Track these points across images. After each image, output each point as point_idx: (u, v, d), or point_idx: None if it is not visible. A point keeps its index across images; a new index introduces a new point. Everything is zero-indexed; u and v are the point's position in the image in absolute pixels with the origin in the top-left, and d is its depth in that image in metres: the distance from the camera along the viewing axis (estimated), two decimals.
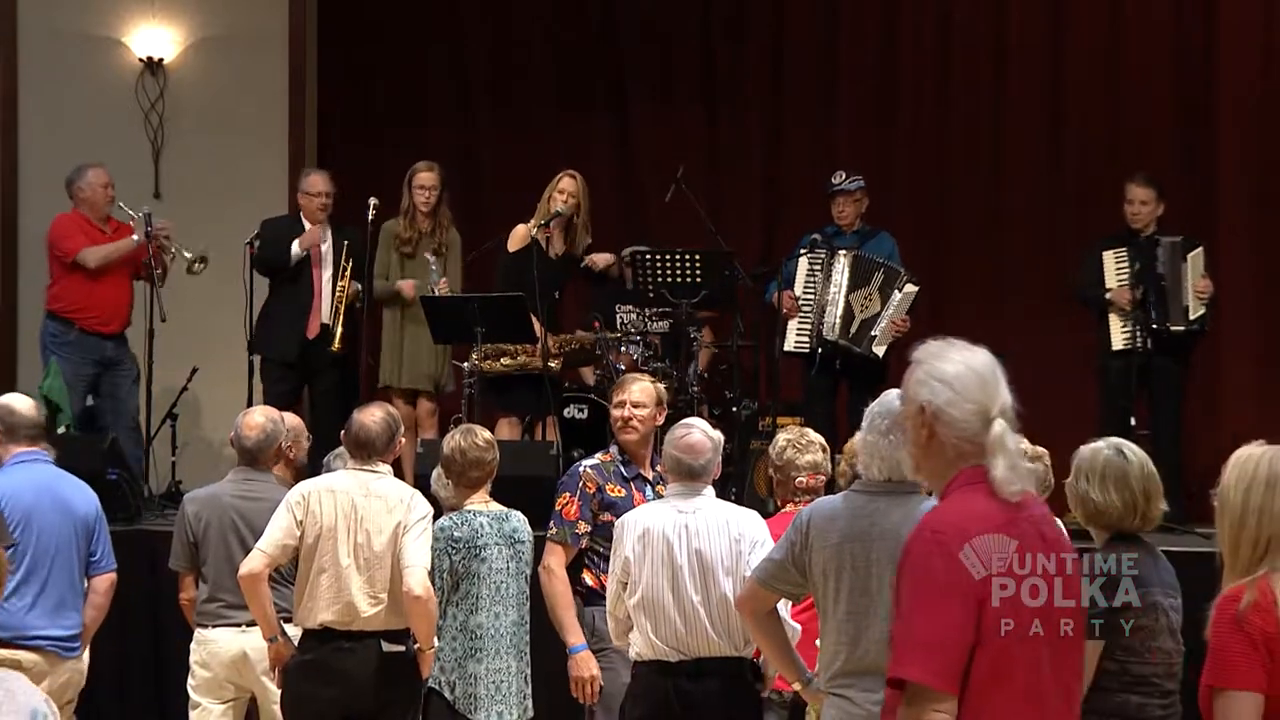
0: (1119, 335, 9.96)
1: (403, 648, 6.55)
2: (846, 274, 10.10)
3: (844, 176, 10.34)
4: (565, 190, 10.07)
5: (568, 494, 6.86)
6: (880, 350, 10.11)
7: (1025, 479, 3.64)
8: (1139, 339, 9.84)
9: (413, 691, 6.68)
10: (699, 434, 6.16)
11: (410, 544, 6.48)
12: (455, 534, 6.67)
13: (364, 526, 6.50)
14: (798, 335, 10.16)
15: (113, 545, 7.31)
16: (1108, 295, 10.01)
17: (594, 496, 6.81)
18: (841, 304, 10.08)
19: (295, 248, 10.27)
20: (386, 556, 6.49)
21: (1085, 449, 5.15)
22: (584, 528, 6.79)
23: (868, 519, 4.98)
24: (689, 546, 5.99)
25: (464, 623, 6.67)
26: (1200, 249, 10.00)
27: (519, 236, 10.00)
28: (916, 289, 10.18)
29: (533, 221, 10.00)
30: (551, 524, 6.84)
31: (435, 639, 6.61)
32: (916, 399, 3.70)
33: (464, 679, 6.65)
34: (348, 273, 10.27)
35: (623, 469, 6.86)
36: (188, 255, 10.25)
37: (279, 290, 10.46)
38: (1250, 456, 3.99)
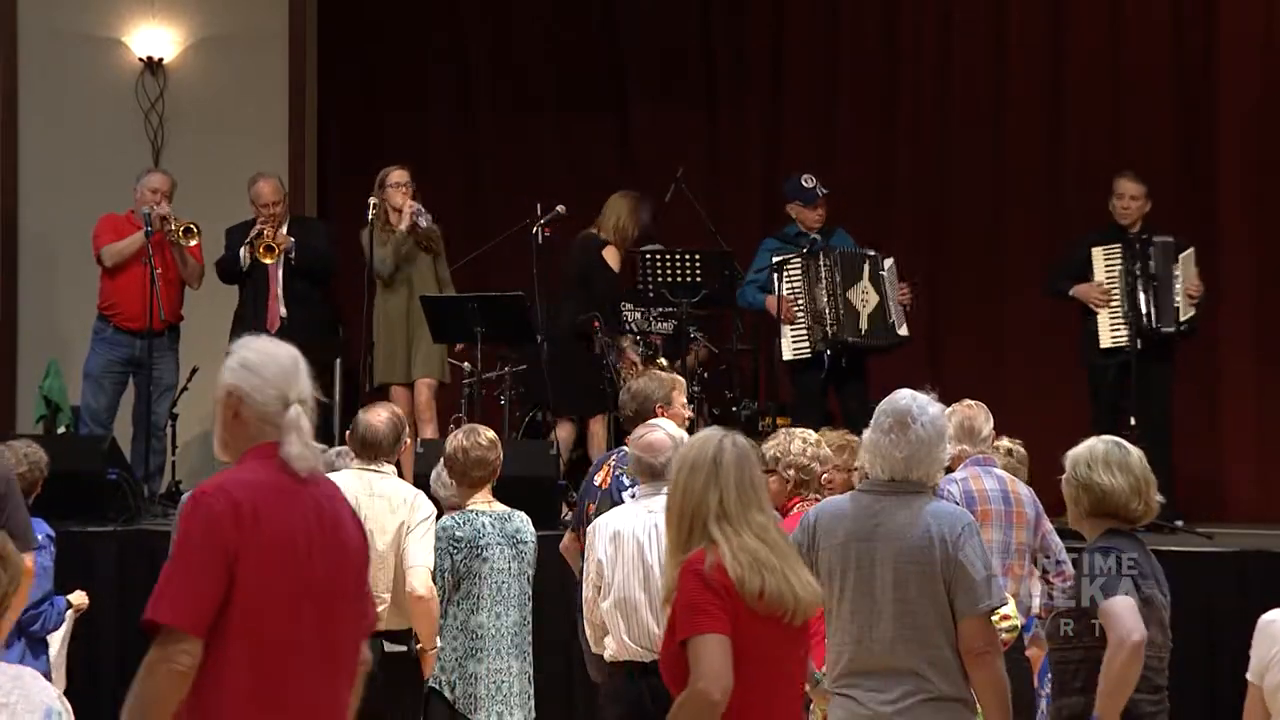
0: (1107, 333, 9.92)
1: (405, 648, 6.54)
2: (839, 273, 10.03)
3: (815, 180, 10.27)
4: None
5: None
6: (905, 331, 10.08)
7: (316, 458, 4.04)
8: (1129, 338, 9.81)
9: (415, 692, 6.67)
10: (660, 433, 6.20)
11: (413, 544, 6.49)
12: (457, 533, 6.67)
13: (367, 526, 6.49)
14: (795, 341, 10.06)
15: (111, 545, 7.29)
16: (1072, 292, 9.99)
17: None
18: (841, 303, 10.02)
19: (242, 251, 10.28)
20: (390, 557, 6.49)
21: (1079, 447, 5.16)
22: None
23: (873, 519, 5.00)
24: (659, 546, 6.00)
25: (464, 622, 6.67)
26: (1191, 250, 9.97)
27: (617, 256, 10.19)
28: (892, 259, 10.14)
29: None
30: None
31: (437, 639, 6.61)
32: (225, 383, 4.13)
33: (464, 679, 6.65)
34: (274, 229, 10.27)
35: None
36: (172, 227, 10.25)
37: (242, 293, 10.49)
38: (699, 437, 4.52)
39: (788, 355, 10.04)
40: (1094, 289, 9.93)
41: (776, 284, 9.98)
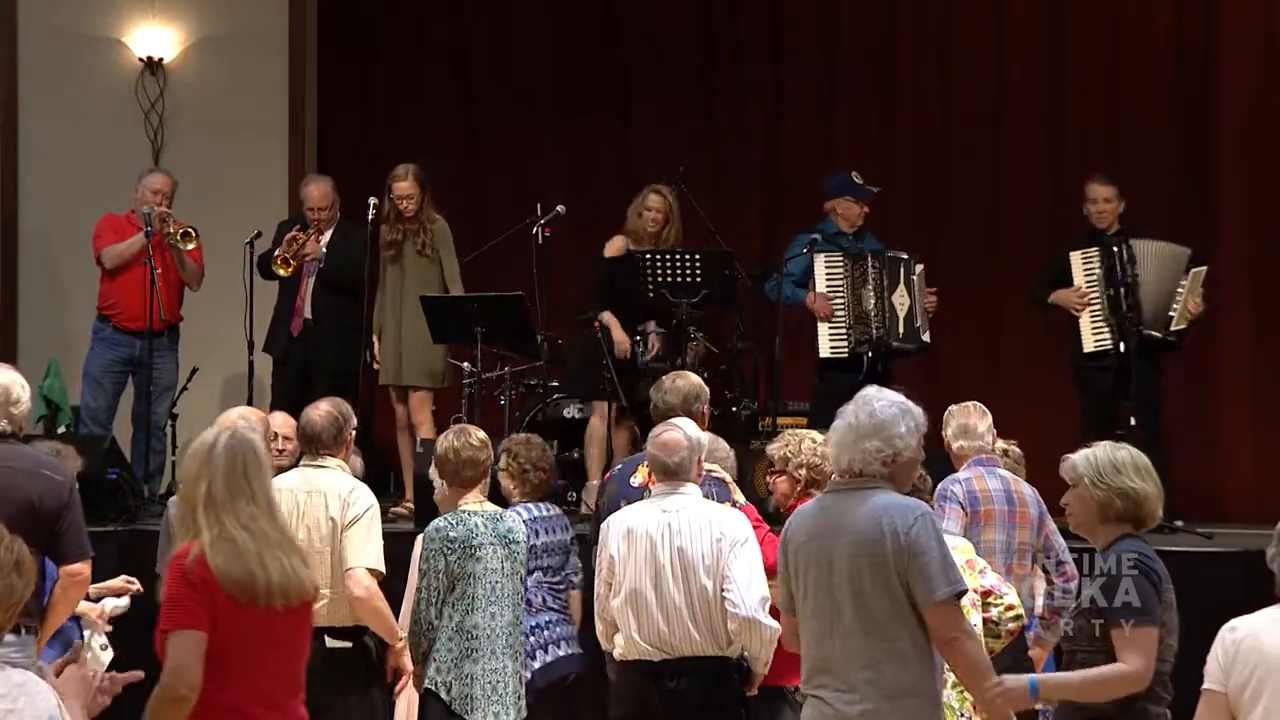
0: (1090, 338, 9.90)
1: (349, 644, 6.56)
2: (886, 277, 9.99)
3: (863, 178, 10.24)
4: (653, 208, 10.08)
5: None
6: (928, 336, 10.06)
7: None
8: (1113, 340, 9.78)
9: (366, 688, 6.67)
10: (676, 432, 6.20)
11: (348, 544, 6.51)
12: (450, 534, 6.67)
13: (304, 522, 6.54)
14: (833, 340, 10.01)
15: (111, 545, 7.27)
16: (1050, 298, 9.99)
17: None
18: (886, 308, 9.96)
19: (276, 253, 10.29)
20: (326, 552, 6.51)
21: (1094, 455, 5.11)
22: None
23: (834, 515, 5.01)
24: (671, 545, 6.01)
25: (460, 623, 6.67)
26: (1205, 268, 9.92)
27: (616, 246, 10.11)
28: (922, 265, 10.13)
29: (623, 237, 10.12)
30: None
31: (399, 632, 6.62)
32: None
33: (460, 679, 6.65)
34: (307, 237, 10.27)
35: None
36: (171, 230, 10.24)
37: (279, 291, 10.51)
38: (206, 432, 4.68)
39: (824, 352, 9.96)
40: (1072, 294, 9.91)
41: (811, 280, 9.96)
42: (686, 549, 6.01)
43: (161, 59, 11.81)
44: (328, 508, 6.55)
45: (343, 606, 6.54)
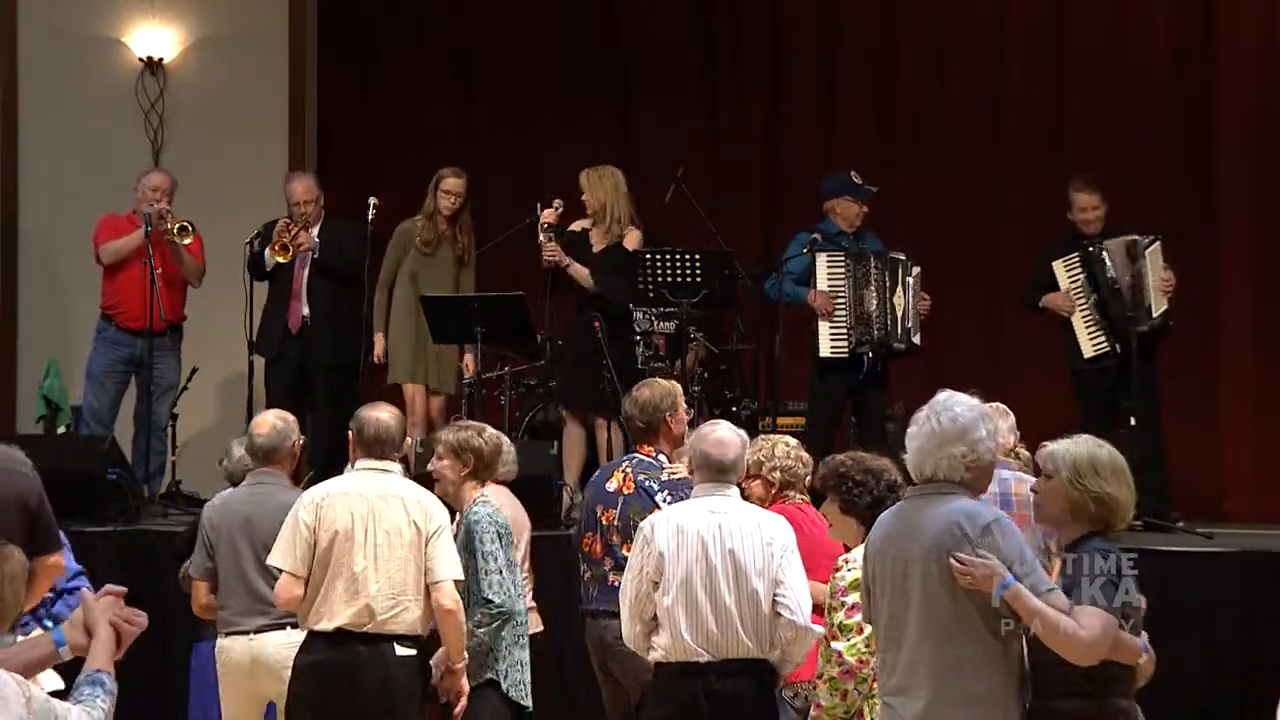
0: (1088, 343, 9.89)
1: (414, 652, 6.42)
2: (887, 278, 9.97)
3: (861, 179, 10.21)
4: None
5: None
6: (918, 339, 10.04)
7: None
8: (1109, 343, 9.78)
9: (424, 699, 6.55)
10: (726, 431, 6.21)
11: (438, 556, 6.37)
12: (499, 519, 6.64)
13: (382, 528, 6.37)
14: (833, 340, 9.96)
15: (111, 545, 7.27)
16: (1041, 305, 9.99)
17: None
18: (888, 309, 9.94)
19: (266, 249, 10.27)
20: (408, 560, 6.36)
21: (1072, 450, 5.10)
22: None
23: (910, 521, 5.01)
24: (722, 546, 5.99)
25: None
26: (1158, 243, 9.89)
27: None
28: (919, 268, 10.11)
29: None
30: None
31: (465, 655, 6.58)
32: None
33: (513, 666, 6.64)
34: (299, 227, 10.27)
35: None
36: (168, 225, 10.24)
37: (270, 290, 10.49)
38: None
39: (824, 352, 9.88)
40: (1062, 298, 9.92)
41: (812, 279, 9.92)
42: (738, 551, 5.99)
43: (161, 59, 11.80)
44: (408, 513, 6.39)
45: (417, 614, 6.38)
